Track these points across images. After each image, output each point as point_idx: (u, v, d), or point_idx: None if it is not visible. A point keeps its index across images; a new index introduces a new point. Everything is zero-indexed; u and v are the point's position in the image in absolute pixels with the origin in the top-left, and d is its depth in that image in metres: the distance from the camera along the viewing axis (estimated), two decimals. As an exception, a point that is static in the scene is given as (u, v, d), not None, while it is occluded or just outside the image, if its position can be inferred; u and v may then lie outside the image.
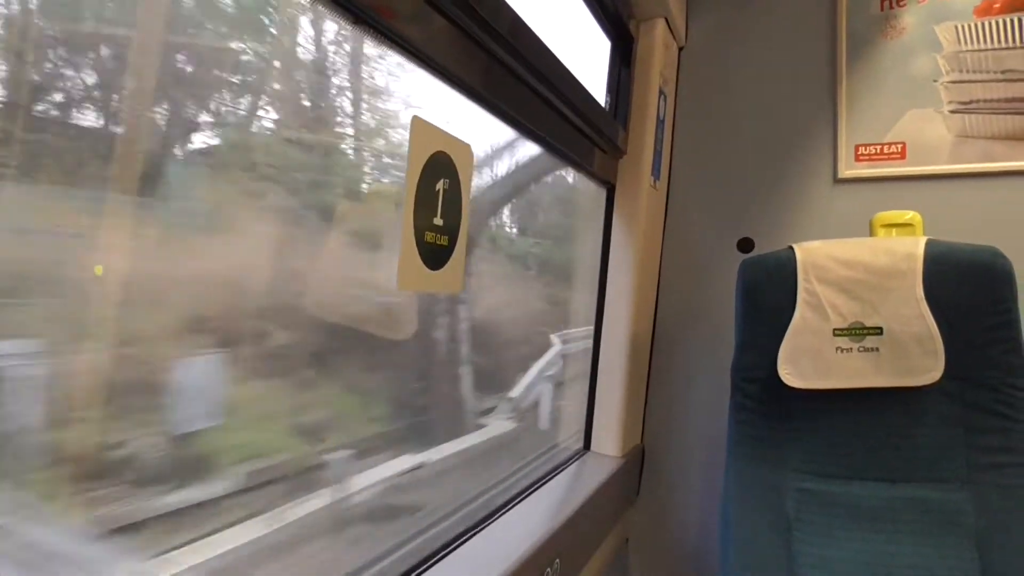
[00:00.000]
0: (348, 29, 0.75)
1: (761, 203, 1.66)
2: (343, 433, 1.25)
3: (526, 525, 1.12)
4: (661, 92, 1.62)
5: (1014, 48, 1.43)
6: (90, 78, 0.77)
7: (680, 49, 1.79)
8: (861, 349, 1.14)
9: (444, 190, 0.80)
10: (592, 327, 1.64)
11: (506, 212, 2.03)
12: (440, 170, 0.79)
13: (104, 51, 0.78)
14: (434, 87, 0.90)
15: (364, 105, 1.21)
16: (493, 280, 1.92)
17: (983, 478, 1.08)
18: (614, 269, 1.60)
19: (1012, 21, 1.44)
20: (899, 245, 1.16)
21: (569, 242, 2.12)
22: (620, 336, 1.57)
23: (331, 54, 1.14)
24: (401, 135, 1.12)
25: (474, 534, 1.07)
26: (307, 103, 1.14)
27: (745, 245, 1.66)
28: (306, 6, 1.08)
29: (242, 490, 1.03)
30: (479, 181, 1.55)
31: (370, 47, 1.12)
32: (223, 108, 0.96)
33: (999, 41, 1.44)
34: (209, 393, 0.95)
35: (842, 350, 1.15)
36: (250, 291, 1.00)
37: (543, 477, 1.38)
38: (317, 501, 1.13)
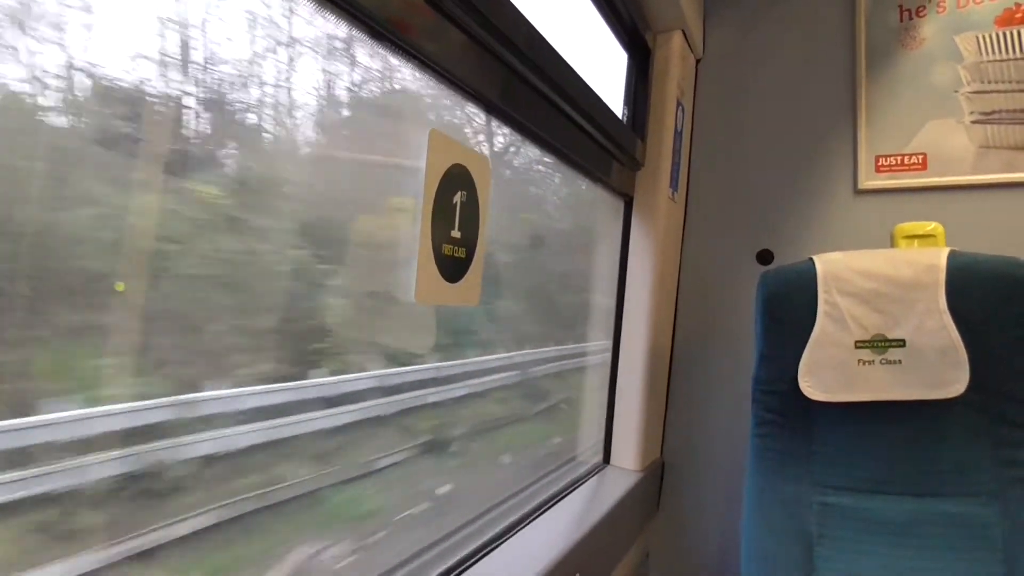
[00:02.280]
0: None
1: (780, 215, 1.65)
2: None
3: (545, 539, 1.12)
4: (679, 104, 1.63)
5: (1037, 57, 1.42)
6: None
7: (697, 61, 1.79)
8: (883, 362, 1.13)
9: (462, 202, 0.81)
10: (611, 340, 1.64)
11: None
12: (457, 182, 0.80)
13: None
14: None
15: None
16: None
17: (1011, 492, 1.06)
18: (632, 282, 1.60)
19: (1034, 31, 1.42)
20: (921, 256, 1.15)
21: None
22: (638, 349, 1.56)
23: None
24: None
25: (492, 549, 1.07)
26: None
27: (765, 257, 1.65)
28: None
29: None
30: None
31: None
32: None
33: (1021, 51, 1.43)
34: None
35: (864, 362, 1.13)
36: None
37: (562, 491, 1.38)
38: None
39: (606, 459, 1.61)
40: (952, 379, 1.09)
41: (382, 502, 1.08)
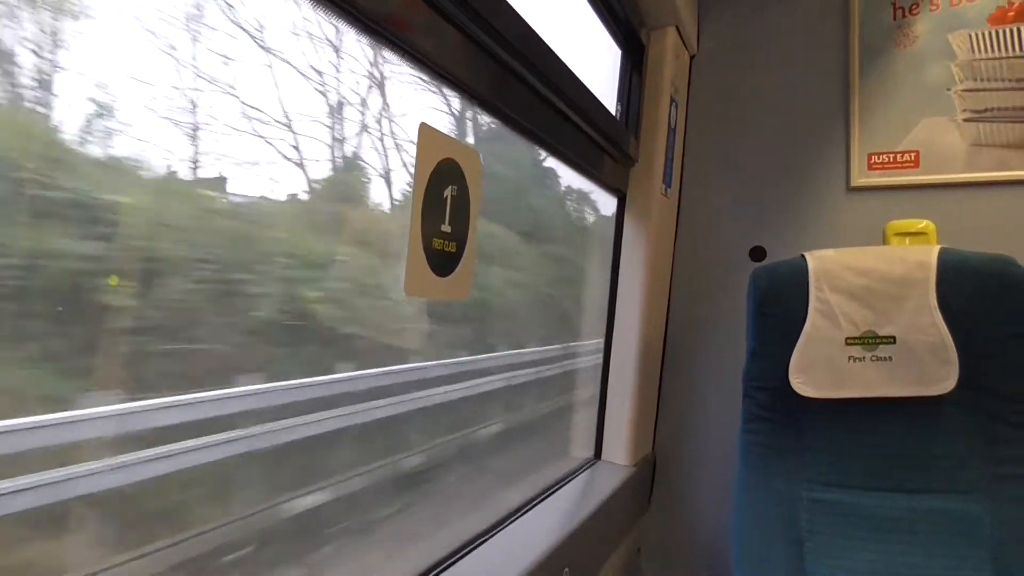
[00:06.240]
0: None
1: (773, 212, 1.65)
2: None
3: (535, 533, 1.12)
4: (672, 100, 1.62)
5: (1029, 56, 1.42)
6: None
7: (691, 58, 1.79)
8: (874, 358, 1.13)
9: (452, 196, 0.81)
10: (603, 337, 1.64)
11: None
12: (448, 177, 0.80)
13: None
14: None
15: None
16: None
17: (1001, 489, 1.07)
18: (625, 277, 1.60)
19: (1027, 29, 1.43)
20: (912, 254, 1.15)
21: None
22: (631, 345, 1.57)
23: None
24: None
25: (482, 542, 1.07)
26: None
27: (757, 254, 1.65)
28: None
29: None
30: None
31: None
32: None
33: (1013, 49, 1.43)
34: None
35: (855, 359, 1.14)
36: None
37: (553, 485, 1.38)
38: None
39: (597, 454, 1.61)
40: (942, 376, 1.09)
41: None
